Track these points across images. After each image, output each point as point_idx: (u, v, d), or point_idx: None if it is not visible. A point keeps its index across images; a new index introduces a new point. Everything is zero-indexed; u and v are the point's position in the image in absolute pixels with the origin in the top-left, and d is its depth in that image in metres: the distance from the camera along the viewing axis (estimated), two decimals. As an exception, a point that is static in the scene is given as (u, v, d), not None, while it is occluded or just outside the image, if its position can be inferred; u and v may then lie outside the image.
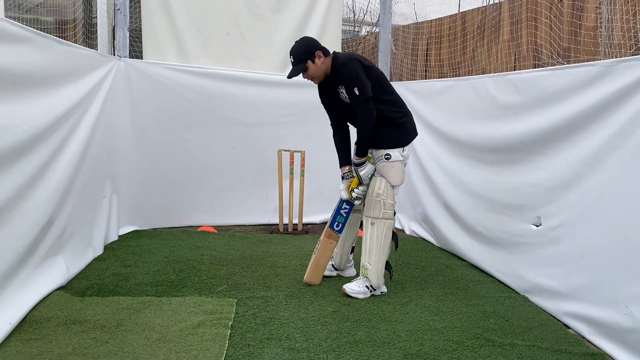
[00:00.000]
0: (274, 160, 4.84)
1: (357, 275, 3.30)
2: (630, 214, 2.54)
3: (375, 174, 3.20)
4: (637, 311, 2.45)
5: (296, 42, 3.24)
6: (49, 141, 2.97)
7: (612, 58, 3.27)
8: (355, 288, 3.13)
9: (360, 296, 3.11)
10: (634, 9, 3.37)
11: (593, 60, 3.30)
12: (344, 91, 3.15)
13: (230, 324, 2.66)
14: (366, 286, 3.13)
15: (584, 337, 2.74)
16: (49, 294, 2.87)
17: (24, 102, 2.69)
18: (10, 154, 2.56)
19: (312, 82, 3.27)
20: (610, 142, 2.67)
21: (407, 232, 4.98)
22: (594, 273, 2.75)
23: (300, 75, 3.20)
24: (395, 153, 3.16)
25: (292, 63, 3.17)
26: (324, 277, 3.39)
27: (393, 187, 3.15)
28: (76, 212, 3.36)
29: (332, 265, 3.47)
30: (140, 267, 3.52)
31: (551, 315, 3.00)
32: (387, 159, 3.16)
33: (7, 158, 2.54)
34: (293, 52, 3.17)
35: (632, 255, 2.51)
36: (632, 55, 3.26)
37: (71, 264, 3.26)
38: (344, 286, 3.15)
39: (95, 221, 3.80)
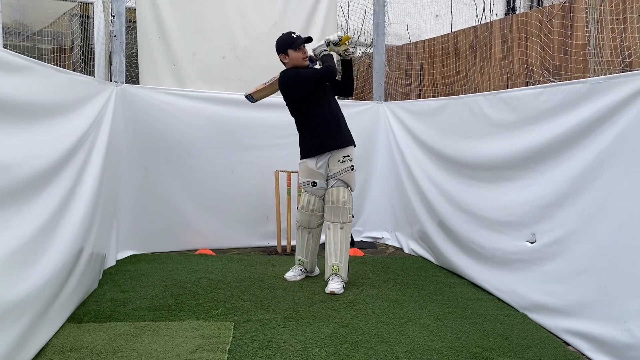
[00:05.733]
0: (273, 182, 4.86)
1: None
2: (625, 229, 2.55)
3: (339, 184, 3.66)
4: (635, 327, 2.44)
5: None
6: (65, 170, 2.96)
7: (601, 75, 3.31)
8: (337, 286, 3.60)
9: (342, 291, 3.60)
10: (619, 27, 3.43)
11: (583, 78, 3.34)
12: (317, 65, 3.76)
13: (227, 347, 2.65)
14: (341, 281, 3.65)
15: (583, 354, 2.73)
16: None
17: (35, 132, 2.64)
18: (31, 186, 2.49)
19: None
20: (601, 158, 2.70)
21: (406, 250, 4.96)
22: (591, 289, 2.74)
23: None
24: (354, 159, 3.70)
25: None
26: (299, 280, 3.89)
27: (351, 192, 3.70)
28: (96, 238, 3.44)
29: (302, 269, 3.94)
30: (138, 292, 3.51)
31: (550, 333, 2.99)
32: (352, 169, 3.66)
33: (26, 191, 2.45)
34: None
35: (628, 270, 2.52)
36: (621, 72, 3.30)
37: (89, 289, 3.36)
38: (332, 290, 3.55)
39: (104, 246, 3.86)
